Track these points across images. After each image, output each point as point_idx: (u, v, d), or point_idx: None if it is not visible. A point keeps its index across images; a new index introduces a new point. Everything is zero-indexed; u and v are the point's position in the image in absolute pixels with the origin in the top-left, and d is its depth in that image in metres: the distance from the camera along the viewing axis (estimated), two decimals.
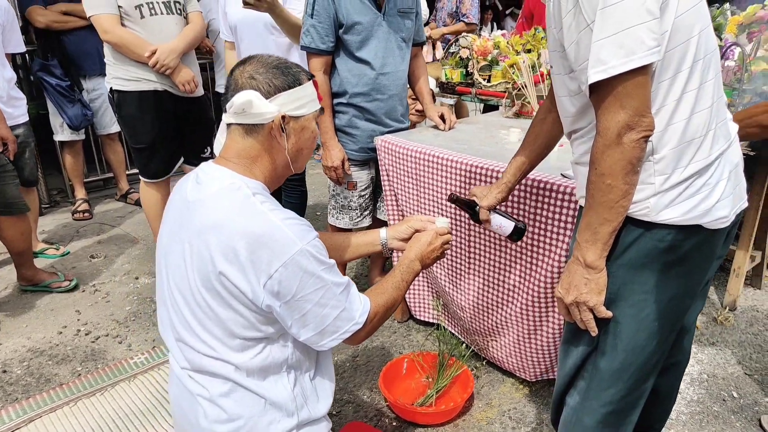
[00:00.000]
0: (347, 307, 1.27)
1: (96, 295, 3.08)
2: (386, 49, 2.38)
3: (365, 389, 2.28)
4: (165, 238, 1.33)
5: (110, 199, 4.58)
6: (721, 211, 1.18)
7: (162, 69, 2.85)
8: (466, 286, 2.27)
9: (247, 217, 1.18)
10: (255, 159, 1.28)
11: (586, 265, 1.20)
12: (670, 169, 1.14)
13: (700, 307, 1.48)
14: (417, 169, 2.24)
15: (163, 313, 1.36)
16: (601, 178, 1.11)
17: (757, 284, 2.99)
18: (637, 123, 1.06)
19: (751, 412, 2.11)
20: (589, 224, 1.17)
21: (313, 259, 1.19)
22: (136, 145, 3.03)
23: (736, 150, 1.26)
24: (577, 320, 1.27)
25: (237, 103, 1.22)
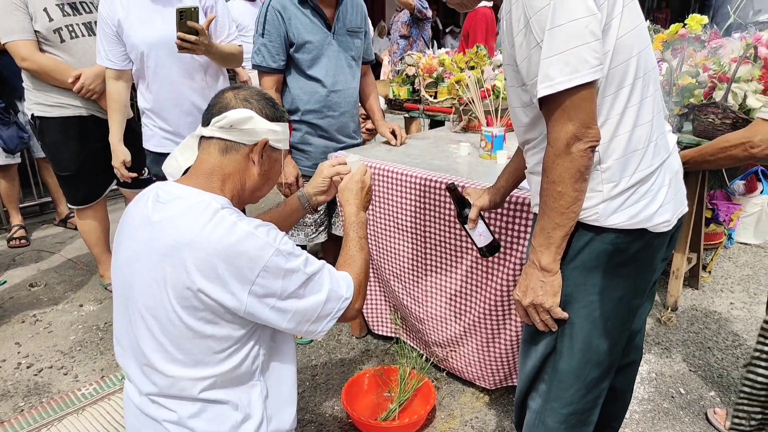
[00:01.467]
0: (332, 287, 1.29)
1: (37, 326, 2.93)
2: (337, 67, 2.41)
3: (326, 407, 2.26)
4: (124, 260, 1.28)
5: (49, 225, 4.38)
6: (664, 216, 1.26)
7: (88, 94, 2.75)
8: (423, 297, 2.29)
9: (220, 230, 1.18)
10: (226, 178, 1.30)
11: (541, 268, 1.26)
12: (617, 177, 1.22)
13: (649, 308, 1.57)
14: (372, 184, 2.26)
15: (123, 339, 1.30)
16: (553, 186, 1.18)
17: (695, 285, 3.16)
18: (584, 134, 1.13)
19: (697, 407, 2.22)
20: (543, 229, 1.23)
21: (290, 256, 1.21)
22: (62, 173, 2.91)
23: (676, 159, 1.36)
24: (536, 322, 1.33)
25: (232, 118, 1.26)
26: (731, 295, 3.11)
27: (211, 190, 1.27)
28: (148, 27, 2.41)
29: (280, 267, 1.19)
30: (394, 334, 2.59)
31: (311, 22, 2.32)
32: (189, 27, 2.21)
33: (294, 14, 2.30)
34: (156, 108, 2.57)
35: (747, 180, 3.62)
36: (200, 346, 1.21)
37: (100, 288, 3.31)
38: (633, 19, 1.18)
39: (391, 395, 2.23)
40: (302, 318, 1.25)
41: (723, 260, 3.52)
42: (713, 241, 3.28)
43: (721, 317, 2.87)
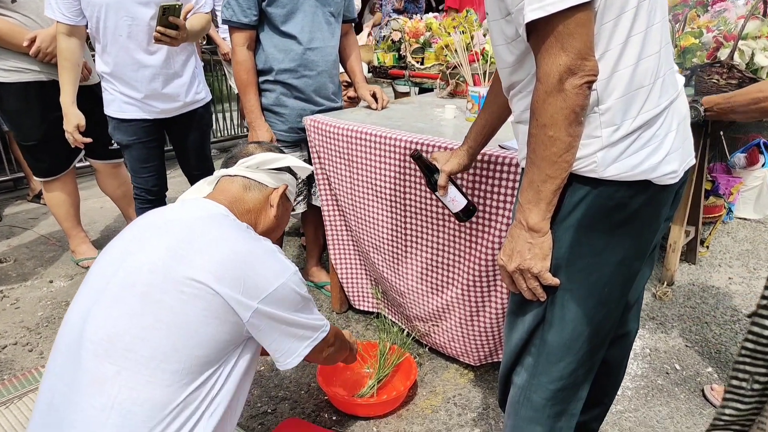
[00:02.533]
0: (318, 317, 1.36)
1: (4, 302, 2.80)
2: (313, 23, 2.24)
3: (303, 384, 2.14)
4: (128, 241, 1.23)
5: (22, 201, 4.22)
6: (671, 165, 1.10)
7: (46, 58, 2.58)
8: (404, 270, 2.16)
9: (245, 239, 1.22)
10: (244, 212, 1.36)
11: (529, 229, 1.10)
12: (618, 120, 1.05)
13: (648, 274, 1.41)
14: (349, 149, 2.12)
15: (74, 314, 1.18)
16: (543, 130, 1.01)
17: (692, 259, 3.03)
18: (579, 67, 0.96)
19: (694, 383, 2.10)
20: (531, 182, 1.07)
21: (301, 283, 1.28)
22: (25, 142, 2.75)
23: (684, 102, 1.19)
24: (522, 289, 1.17)
25: (261, 159, 1.38)
26: (730, 270, 2.98)
27: (234, 214, 1.32)
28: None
29: (292, 288, 1.24)
30: (376, 309, 2.46)
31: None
32: (170, 22, 2.14)
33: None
34: (116, 72, 2.42)
35: (748, 153, 3.48)
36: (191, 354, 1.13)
37: (71, 264, 3.17)
38: None
39: (370, 371, 2.11)
40: (290, 332, 1.26)
41: (721, 235, 3.39)
42: (712, 215, 3.15)
43: (719, 292, 2.75)
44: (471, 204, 1.58)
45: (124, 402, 1.05)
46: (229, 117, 5.83)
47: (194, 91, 2.61)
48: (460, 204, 1.58)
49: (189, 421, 1.10)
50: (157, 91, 2.47)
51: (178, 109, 2.58)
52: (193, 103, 2.64)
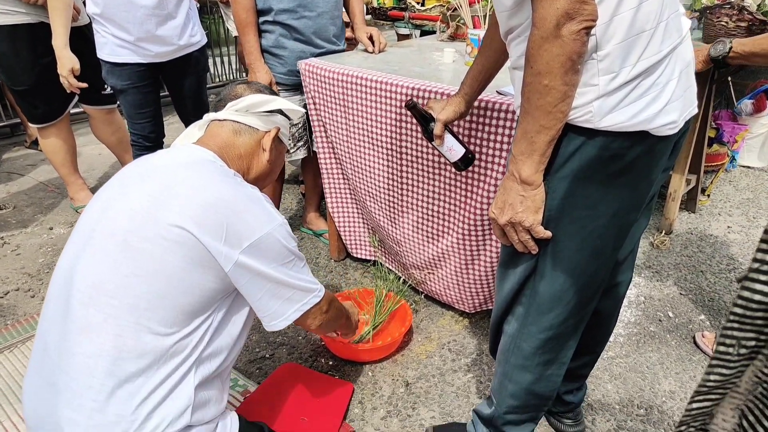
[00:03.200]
0: (310, 278, 1.30)
1: (5, 248, 2.82)
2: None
3: (300, 330, 2.17)
4: (106, 195, 1.20)
5: (19, 147, 4.19)
6: (671, 115, 1.05)
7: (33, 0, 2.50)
8: (401, 219, 2.15)
9: (229, 186, 1.17)
10: (235, 157, 1.32)
11: (521, 181, 1.07)
12: (617, 67, 1.00)
13: (644, 225, 1.39)
14: (344, 94, 2.07)
15: (65, 263, 1.18)
16: (538, 78, 0.97)
17: (692, 208, 3.02)
18: (577, 11, 0.91)
19: (685, 331, 2.12)
20: (525, 133, 1.03)
21: (288, 236, 1.23)
22: (17, 87, 2.69)
23: (689, 47, 1.13)
24: (514, 242, 1.16)
25: (250, 102, 1.32)
26: (729, 218, 2.97)
27: (223, 160, 1.28)
28: None
29: (278, 239, 1.19)
30: (373, 257, 2.47)
31: None
32: None
33: None
34: (107, 13, 2.34)
35: (756, 99, 3.39)
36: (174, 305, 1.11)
37: (71, 211, 3.18)
38: None
39: (366, 318, 2.13)
40: (277, 292, 1.22)
41: (723, 184, 3.36)
42: (715, 163, 3.11)
43: (717, 241, 2.75)
44: (469, 152, 1.55)
45: (111, 350, 1.06)
46: (227, 61, 5.71)
47: (189, 34, 2.54)
48: (458, 153, 1.55)
49: (179, 368, 1.11)
50: (151, 33, 2.40)
51: (172, 53, 2.52)
52: (188, 47, 2.57)
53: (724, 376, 0.64)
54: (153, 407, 1.09)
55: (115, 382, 1.06)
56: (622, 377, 1.90)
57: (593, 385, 1.86)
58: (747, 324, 0.59)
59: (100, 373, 1.05)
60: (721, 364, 0.63)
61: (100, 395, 1.06)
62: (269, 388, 1.77)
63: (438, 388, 1.87)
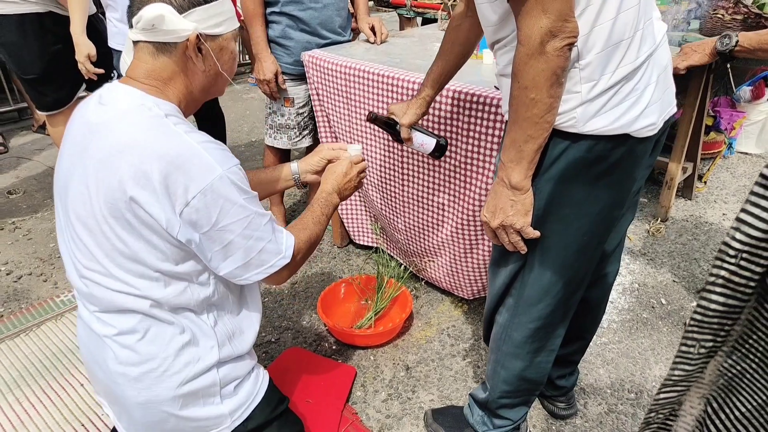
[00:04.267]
0: (273, 239, 1.19)
1: (16, 233, 2.90)
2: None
3: (305, 315, 2.25)
4: (65, 165, 1.18)
5: (27, 131, 4.25)
6: (650, 118, 1.12)
7: None
8: (401, 208, 2.22)
9: (160, 138, 1.06)
10: (167, 81, 1.16)
11: (511, 186, 1.14)
12: (597, 75, 1.06)
13: (630, 219, 1.47)
14: (347, 86, 2.12)
15: (63, 249, 1.23)
16: (525, 92, 1.03)
17: (689, 195, 3.07)
18: (560, 29, 0.97)
19: (677, 317, 2.20)
20: (514, 141, 1.10)
21: (235, 187, 1.10)
22: (26, 76, 2.72)
23: (665, 51, 1.20)
24: (505, 243, 1.23)
25: (146, 18, 1.07)
26: (725, 206, 3.02)
27: (154, 94, 1.14)
28: None
29: (221, 194, 1.08)
30: (375, 244, 2.54)
31: None
32: None
33: None
34: (120, 2, 2.36)
35: (755, 86, 3.42)
36: (137, 263, 1.12)
37: None
38: None
39: (368, 303, 2.21)
40: (229, 255, 1.14)
41: (720, 170, 3.41)
42: (712, 150, 3.15)
43: (711, 228, 2.81)
44: (440, 139, 1.62)
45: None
46: None
47: None
48: (430, 145, 1.63)
49: (194, 308, 1.21)
50: None
51: None
52: None
53: (687, 372, 0.72)
54: (181, 345, 1.19)
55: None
56: (614, 362, 1.98)
57: (586, 369, 1.94)
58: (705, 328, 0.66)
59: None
60: (684, 362, 0.71)
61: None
62: (275, 372, 1.85)
63: (437, 373, 1.95)
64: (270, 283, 1.25)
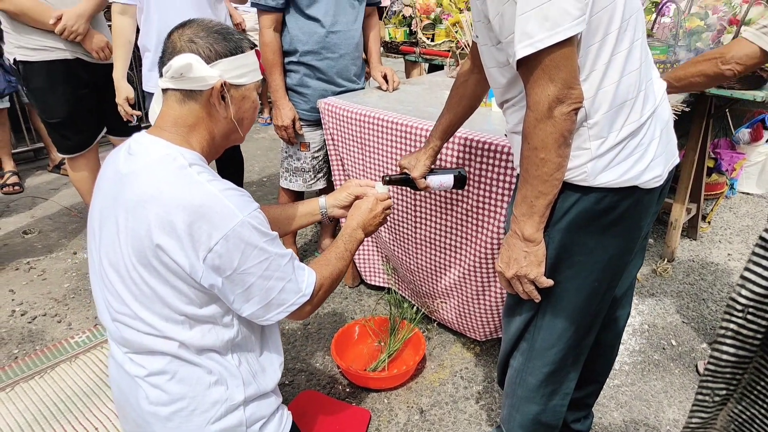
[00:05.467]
0: (293, 278, 1.24)
1: (31, 273, 2.94)
2: (337, 7, 2.32)
3: (318, 357, 2.27)
4: (97, 213, 1.25)
5: (42, 171, 4.33)
6: (655, 171, 1.20)
7: (71, 36, 2.63)
8: (413, 249, 2.26)
9: (184, 188, 1.12)
10: (192, 127, 1.23)
11: (524, 239, 1.20)
12: (605, 132, 1.14)
13: (640, 264, 1.52)
14: (361, 132, 2.19)
15: (97, 293, 1.29)
16: (535, 152, 1.11)
17: (693, 235, 3.12)
18: (566, 96, 1.05)
19: (688, 359, 2.22)
20: (525, 198, 1.17)
21: (255, 231, 1.15)
22: (50, 120, 2.80)
23: (666, 108, 1.28)
24: (520, 292, 1.28)
25: (175, 67, 1.16)
26: (729, 246, 3.06)
27: (179, 143, 1.21)
28: None
29: (242, 239, 1.13)
30: (387, 285, 2.58)
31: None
32: None
33: None
34: (159, 43, 2.46)
35: (753, 128, 3.51)
36: (165, 306, 1.18)
37: None
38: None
39: (381, 345, 2.24)
40: (251, 297, 1.19)
41: (723, 210, 3.47)
42: (714, 191, 3.21)
43: (717, 268, 2.84)
44: (456, 173, 1.69)
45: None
46: None
47: None
48: (449, 182, 1.70)
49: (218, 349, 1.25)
50: None
51: None
52: None
53: (703, 419, 0.77)
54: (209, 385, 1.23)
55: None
56: (628, 405, 1.99)
57: (600, 413, 1.95)
58: (719, 377, 0.71)
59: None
60: (700, 410, 0.76)
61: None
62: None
63: (451, 416, 1.97)
64: (293, 319, 1.30)
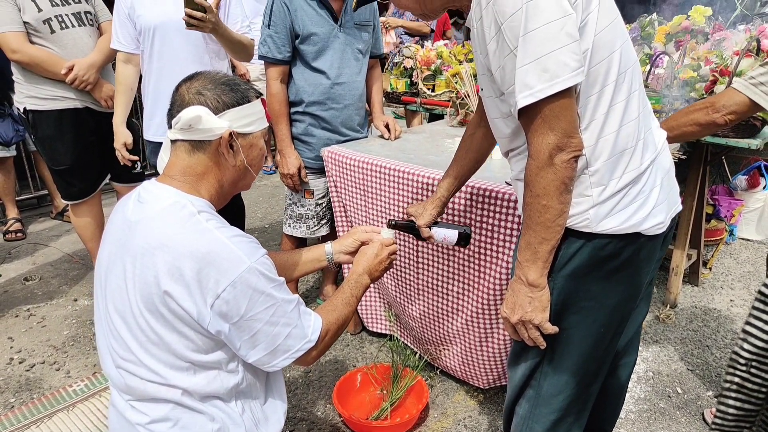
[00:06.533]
0: (299, 324, 1.24)
1: (30, 320, 2.92)
2: (342, 59, 2.40)
3: (319, 405, 2.24)
4: (105, 259, 1.26)
5: (45, 218, 4.36)
6: (658, 218, 1.22)
7: (82, 85, 2.71)
8: (416, 296, 2.26)
9: (193, 235, 1.14)
10: (201, 176, 1.25)
11: (528, 284, 1.21)
12: (606, 180, 1.17)
13: (646, 310, 1.53)
14: (364, 180, 2.23)
15: (101, 340, 1.29)
16: (537, 200, 1.14)
17: (695, 282, 3.12)
18: (566, 144, 1.09)
19: (694, 407, 2.19)
20: (529, 244, 1.19)
21: (263, 277, 1.16)
22: (57, 167, 2.86)
23: (667, 156, 1.31)
24: (525, 338, 1.28)
25: (184, 119, 1.19)
26: (731, 292, 3.06)
27: (187, 191, 1.23)
28: (159, 6, 2.37)
29: (250, 285, 1.14)
30: (389, 331, 2.56)
31: (317, 14, 2.31)
32: (196, 3, 2.16)
33: (300, 6, 2.29)
34: (157, 92, 2.51)
35: (749, 175, 3.56)
36: (170, 354, 1.18)
37: None
38: (609, 14, 1.14)
39: (383, 393, 2.21)
40: (257, 344, 1.19)
41: (724, 256, 3.48)
42: (714, 237, 3.24)
43: (720, 315, 2.83)
44: (463, 232, 1.69)
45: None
46: None
47: None
48: (453, 238, 1.70)
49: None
50: None
51: None
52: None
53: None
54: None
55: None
56: None
57: None
58: (726, 430, 0.72)
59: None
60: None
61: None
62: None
63: None
64: (298, 365, 1.31)
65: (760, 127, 2.40)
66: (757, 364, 0.67)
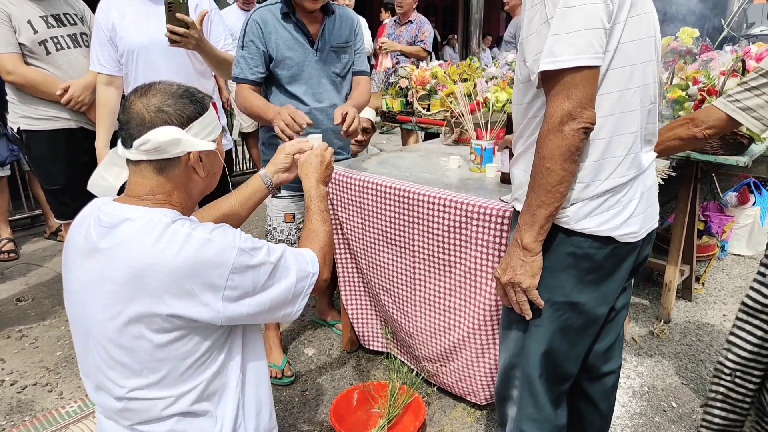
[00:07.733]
0: (299, 266, 1.28)
1: (23, 341, 2.89)
2: (319, 84, 2.33)
3: (316, 424, 2.23)
4: (76, 291, 1.20)
5: (39, 238, 4.34)
6: (632, 227, 1.30)
7: (77, 106, 2.72)
8: (413, 312, 2.27)
9: (176, 246, 1.11)
10: (170, 192, 1.23)
11: (522, 247, 1.28)
12: (588, 179, 1.25)
13: (625, 315, 1.58)
14: (360, 197, 2.25)
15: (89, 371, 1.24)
16: (542, 161, 1.20)
17: (688, 297, 3.15)
18: (579, 114, 1.15)
19: (689, 421, 2.19)
20: (529, 206, 1.25)
21: (253, 251, 1.19)
22: (50, 187, 2.85)
23: (651, 176, 1.38)
24: (512, 301, 1.35)
25: (157, 141, 1.15)
26: (724, 306, 3.09)
27: (158, 206, 1.20)
28: (143, 28, 2.38)
29: (247, 265, 1.17)
30: (385, 349, 2.56)
31: (293, 38, 2.25)
32: (178, 19, 2.16)
33: (275, 29, 2.24)
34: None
35: (740, 192, 3.62)
36: (170, 363, 1.17)
37: None
38: (639, 31, 1.21)
39: (380, 411, 2.20)
40: (278, 304, 1.24)
41: (716, 272, 3.51)
42: (706, 253, 3.27)
43: (713, 329, 2.86)
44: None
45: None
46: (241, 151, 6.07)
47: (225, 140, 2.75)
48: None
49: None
50: None
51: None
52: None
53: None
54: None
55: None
56: None
57: None
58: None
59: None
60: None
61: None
62: None
63: None
64: (316, 294, 1.34)
65: (747, 144, 2.46)
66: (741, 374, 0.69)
